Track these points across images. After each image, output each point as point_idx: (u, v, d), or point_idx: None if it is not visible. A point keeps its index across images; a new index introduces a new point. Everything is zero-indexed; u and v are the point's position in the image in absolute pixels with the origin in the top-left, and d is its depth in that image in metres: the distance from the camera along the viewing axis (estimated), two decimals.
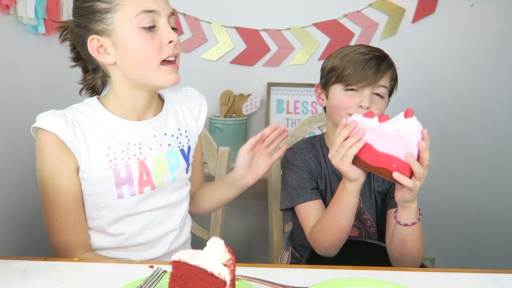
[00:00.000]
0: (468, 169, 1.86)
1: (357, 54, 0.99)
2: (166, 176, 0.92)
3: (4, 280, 0.68)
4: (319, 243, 0.95)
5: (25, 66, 1.41)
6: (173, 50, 0.84)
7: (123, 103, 0.89)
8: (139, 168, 0.88)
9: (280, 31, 1.78)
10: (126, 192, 0.87)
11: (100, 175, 0.85)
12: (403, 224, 0.84)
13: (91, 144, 0.84)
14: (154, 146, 0.91)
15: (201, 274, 0.53)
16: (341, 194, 0.88)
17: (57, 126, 0.81)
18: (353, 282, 0.67)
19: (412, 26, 1.77)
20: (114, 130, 0.87)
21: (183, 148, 0.96)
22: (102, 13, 0.82)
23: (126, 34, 0.82)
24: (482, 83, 1.80)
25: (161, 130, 0.93)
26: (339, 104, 1.00)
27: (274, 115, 1.80)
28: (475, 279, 0.74)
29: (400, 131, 0.75)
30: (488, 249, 1.91)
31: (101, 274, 0.71)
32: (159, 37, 0.83)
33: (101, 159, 0.85)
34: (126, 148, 0.87)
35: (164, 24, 0.83)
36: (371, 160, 0.79)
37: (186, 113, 1.01)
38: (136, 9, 0.81)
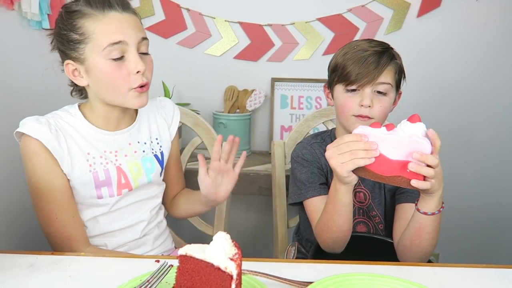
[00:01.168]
0: (473, 164, 1.85)
1: (357, 51, 0.98)
2: (142, 179, 0.99)
3: (12, 274, 0.69)
4: (321, 240, 0.95)
5: (29, 62, 1.41)
6: (142, 80, 0.89)
7: (98, 116, 0.95)
8: (117, 173, 0.95)
9: (284, 26, 1.77)
10: (105, 194, 0.94)
11: (81, 178, 0.91)
12: (422, 212, 0.82)
13: (72, 150, 0.91)
14: (129, 153, 0.98)
15: (207, 268, 0.54)
16: (334, 195, 0.86)
17: (42, 133, 0.87)
18: (357, 277, 0.67)
19: (417, 20, 1.75)
20: (92, 138, 0.94)
21: (156, 154, 1.03)
22: (75, 43, 0.87)
23: (96, 64, 0.87)
24: (488, 77, 1.79)
25: (135, 138, 1.00)
26: (341, 106, 1.00)
27: (278, 111, 1.80)
28: (481, 274, 0.74)
29: (413, 136, 0.74)
30: (493, 244, 1.91)
31: (107, 268, 0.72)
32: (127, 67, 0.87)
33: (82, 163, 0.91)
34: (104, 155, 0.94)
35: (132, 54, 0.87)
36: (383, 171, 0.76)
37: (159, 121, 1.07)
38: (105, 42, 0.85)
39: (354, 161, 0.76)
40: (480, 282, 0.71)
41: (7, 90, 1.30)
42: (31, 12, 1.34)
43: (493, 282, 0.71)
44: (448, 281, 0.70)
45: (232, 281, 0.52)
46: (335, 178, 0.84)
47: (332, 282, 0.64)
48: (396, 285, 0.65)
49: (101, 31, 0.85)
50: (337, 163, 0.78)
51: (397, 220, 1.00)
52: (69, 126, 0.92)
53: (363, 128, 0.77)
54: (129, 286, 0.62)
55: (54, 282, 0.67)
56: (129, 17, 0.89)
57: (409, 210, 0.99)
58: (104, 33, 0.85)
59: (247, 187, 1.54)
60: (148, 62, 0.91)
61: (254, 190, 1.55)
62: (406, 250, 0.89)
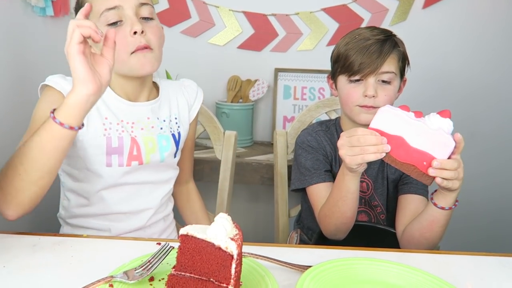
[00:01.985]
0: (476, 157, 1.84)
1: (359, 40, 0.97)
2: (155, 156, 0.97)
3: (15, 254, 0.69)
4: (324, 226, 0.95)
5: (33, 48, 1.41)
6: (140, 41, 0.86)
7: (116, 87, 0.94)
8: (131, 143, 0.93)
9: (288, 16, 1.76)
10: (115, 162, 0.92)
11: (94, 140, 0.90)
12: (440, 207, 0.83)
13: (91, 111, 0.84)
14: (145, 127, 0.96)
15: (208, 248, 0.54)
16: (340, 181, 0.86)
17: (65, 88, 0.87)
18: (357, 261, 0.67)
19: (423, 11, 1.74)
20: (112, 105, 0.93)
21: (174, 134, 1.01)
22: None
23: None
24: (492, 70, 1.78)
25: (155, 114, 0.98)
26: (346, 97, 1.00)
27: (281, 101, 1.79)
28: (481, 261, 0.74)
29: (440, 129, 0.73)
30: (495, 237, 1.91)
31: (109, 249, 0.73)
32: (124, 30, 0.86)
33: (97, 126, 0.90)
34: (121, 123, 0.93)
35: (128, 17, 0.86)
36: (399, 155, 0.75)
37: (181, 101, 1.04)
38: (101, 8, 0.86)
39: (363, 156, 0.77)
40: (480, 269, 0.71)
41: (11, 76, 1.31)
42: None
43: (493, 269, 0.71)
44: (448, 268, 0.71)
45: (232, 260, 0.53)
46: (343, 165, 0.84)
47: (331, 266, 0.64)
48: (396, 270, 0.66)
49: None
50: (346, 155, 0.79)
51: (400, 210, 1.00)
52: None
53: (390, 107, 0.76)
54: (130, 266, 0.62)
55: (57, 262, 0.67)
56: None
57: (413, 200, 0.99)
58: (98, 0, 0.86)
59: (249, 176, 1.54)
60: (151, 26, 0.89)
61: (256, 180, 1.55)
62: (414, 241, 0.90)
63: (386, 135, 0.75)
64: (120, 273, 0.60)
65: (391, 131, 0.75)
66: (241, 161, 1.54)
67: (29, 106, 1.38)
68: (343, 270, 0.64)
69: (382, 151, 0.75)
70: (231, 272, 0.53)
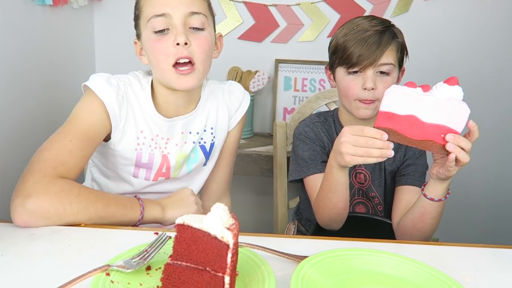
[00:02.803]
0: (476, 150, 1.83)
1: (358, 31, 0.96)
2: (183, 169, 0.97)
3: (13, 243, 0.69)
4: (319, 217, 0.96)
5: (32, 38, 1.41)
6: (182, 53, 0.83)
7: (159, 98, 0.92)
8: (162, 160, 0.92)
9: (290, 7, 1.75)
10: (142, 175, 0.93)
11: (124, 152, 0.89)
12: (429, 198, 0.82)
13: (128, 123, 0.88)
14: (179, 143, 0.94)
15: (204, 237, 0.54)
16: (329, 173, 0.85)
17: (108, 96, 0.85)
18: (353, 252, 0.67)
19: (425, 3, 1.73)
20: (150, 119, 0.91)
21: (204, 145, 0.98)
22: (136, 19, 0.90)
23: (144, 38, 0.87)
24: (494, 61, 1.77)
25: (188, 127, 0.96)
26: (344, 90, 0.99)
27: (281, 92, 1.79)
28: (478, 252, 0.74)
29: (452, 98, 0.70)
30: (493, 230, 1.91)
31: (106, 239, 0.73)
32: (168, 40, 0.83)
33: (131, 139, 0.89)
34: (156, 138, 0.92)
35: (175, 26, 0.83)
36: (414, 134, 0.72)
37: (221, 108, 0.99)
38: (149, 13, 0.84)
39: (365, 159, 0.75)
40: (476, 261, 0.71)
41: (10, 66, 1.30)
42: None
43: (489, 261, 0.71)
44: (445, 259, 0.71)
45: (228, 250, 0.53)
46: (332, 157, 0.82)
47: (327, 257, 0.64)
48: (393, 261, 0.66)
49: (148, 4, 0.85)
50: (348, 153, 0.76)
51: (397, 201, 1.00)
52: (135, 97, 0.89)
53: (397, 87, 0.72)
54: (127, 256, 0.62)
55: (54, 251, 0.68)
56: None
57: (409, 192, 0.99)
58: (150, 4, 0.85)
59: (249, 168, 1.54)
60: (199, 37, 0.85)
61: (255, 171, 1.55)
62: (407, 232, 0.90)
63: (397, 116, 0.72)
64: (117, 262, 0.60)
65: (402, 111, 0.71)
66: (241, 152, 1.53)
67: (28, 97, 1.38)
68: (339, 261, 0.65)
69: (385, 156, 0.73)
70: (227, 261, 0.53)
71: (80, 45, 1.72)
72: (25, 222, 0.73)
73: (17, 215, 0.73)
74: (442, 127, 0.71)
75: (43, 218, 0.73)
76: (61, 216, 0.74)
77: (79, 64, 1.71)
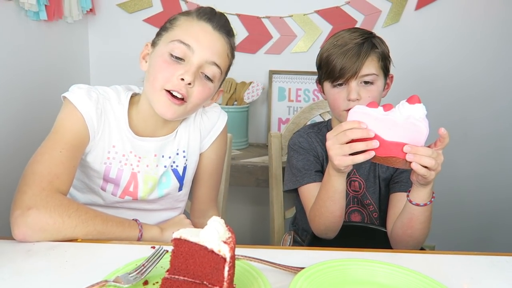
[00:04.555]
0: (470, 158, 1.86)
1: (337, 46, 0.99)
2: (153, 194, 0.96)
3: (10, 259, 0.69)
4: (314, 226, 0.97)
5: (27, 53, 1.42)
6: (180, 89, 0.84)
7: (139, 114, 0.92)
8: (130, 178, 0.92)
9: (282, 18, 1.77)
10: (109, 189, 0.93)
11: (93, 164, 0.90)
12: (414, 203, 0.84)
13: (103, 136, 0.89)
14: (151, 165, 0.94)
15: (201, 251, 0.54)
16: (327, 181, 0.87)
17: (87, 110, 0.85)
18: (350, 262, 0.68)
19: (415, 13, 1.76)
20: (124, 135, 0.91)
21: (176, 168, 0.98)
22: (162, 29, 0.90)
23: (158, 52, 0.87)
24: (485, 71, 1.79)
25: (162, 151, 0.96)
26: (332, 102, 1.03)
27: (275, 103, 1.80)
28: (472, 261, 0.75)
29: (410, 117, 0.73)
30: (489, 237, 1.93)
31: (103, 254, 0.73)
32: (177, 69, 0.84)
33: (101, 152, 0.89)
34: (128, 155, 0.91)
35: (191, 63, 0.84)
36: (378, 151, 0.76)
37: (192, 131, 0.99)
38: (177, 36, 0.85)
39: (353, 158, 0.77)
40: (471, 269, 0.72)
41: (5, 81, 1.31)
42: (28, 2, 1.34)
43: (484, 269, 0.72)
44: (440, 268, 0.71)
45: (225, 263, 0.53)
46: (330, 165, 0.85)
47: (324, 268, 0.65)
48: (388, 271, 0.66)
49: (182, 27, 0.86)
50: (336, 155, 0.78)
51: (391, 209, 1.01)
52: (112, 113, 0.90)
53: (360, 107, 0.76)
54: (124, 270, 0.62)
55: (51, 267, 0.67)
56: (218, 37, 0.87)
57: (402, 199, 1.00)
58: (183, 30, 0.86)
59: (244, 178, 1.55)
60: (203, 84, 0.86)
61: (251, 182, 1.56)
62: (399, 239, 0.91)
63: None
64: (114, 277, 0.60)
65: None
66: (236, 163, 1.54)
67: (23, 110, 1.38)
68: (335, 271, 0.65)
69: (372, 147, 0.75)
70: (224, 275, 0.54)
71: (74, 59, 1.73)
72: (23, 233, 0.73)
73: (16, 227, 0.74)
74: (401, 144, 0.74)
75: (41, 231, 0.74)
76: (60, 229, 0.74)
77: (74, 77, 1.72)
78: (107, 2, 1.77)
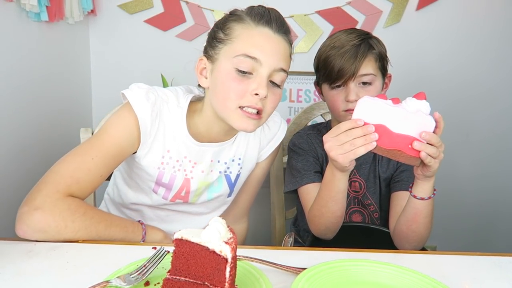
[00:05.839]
0: (471, 159, 1.85)
1: (334, 48, 0.99)
2: (203, 197, 0.96)
3: (11, 260, 0.69)
4: (314, 227, 0.96)
5: (28, 53, 1.42)
6: (256, 103, 0.82)
7: (201, 122, 0.90)
8: (182, 184, 0.92)
9: None
10: (161, 193, 0.92)
11: (147, 168, 0.89)
12: (419, 198, 0.84)
13: (157, 140, 0.87)
14: (206, 170, 0.93)
15: (203, 251, 0.54)
16: (331, 181, 0.86)
17: (143, 112, 0.84)
18: (352, 263, 0.67)
19: (416, 13, 1.76)
20: (180, 140, 0.89)
21: (229, 175, 0.97)
22: (218, 41, 0.86)
23: (222, 69, 0.84)
24: (486, 71, 1.79)
25: (218, 156, 0.94)
26: (331, 103, 1.03)
27: None
28: (474, 261, 0.74)
29: (418, 111, 0.74)
30: (490, 238, 1.92)
31: (105, 255, 0.73)
32: (248, 84, 0.82)
33: (156, 157, 0.88)
34: (182, 160, 0.90)
35: (261, 76, 0.82)
36: (384, 143, 0.75)
37: (252, 141, 0.98)
38: (240, 50, 0.82)
39: (355, 151, 0.76)
40: (473, 269, 0.72)
41: (6, 82, 1.31)
42: (29, 3, 1.34)
43: (486, 269, 0.72)
44: (442, 268, 0.71)
45: (227, 264, 0.53)
46: (332, 165, 0.84)
47: (325, 268, 0.65)
48: (390, 271, 0.66)
49: (243, 39, 0.82)
50: (338, 154, 0.78)
51: (393, 208, 1.01)
52: (169, 116, 0.88)
53: (369, 97, 0.75)
54: (125, 271, 0.62)
55: (52, 268, 0.67)
56: (279, 41, 0.84)
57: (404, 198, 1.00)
58: (245, 41, 0.82)
59: None
60: (275, 93, 0.85)
61: None
62: (403, 235, 0.91)
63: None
64: (115, 278, 0.60)
65: (372, 120, 0.75)
66: None
67: (24, 110, 1.38)
68: (337, 272, 0.65)
69: (371, 140, 0.74)
70: (226, 275, 0.53)
71: (76, 60, 1.73)
72: (23, 231, 0.74)
73: (19, 222, 0.75)
74: (409, 138, 0.75)
75: (41, 232, 0.74)
76: (60, 233, 0.75)
77: (75, 78, 1.72)
78: (108, 3, 1.77)
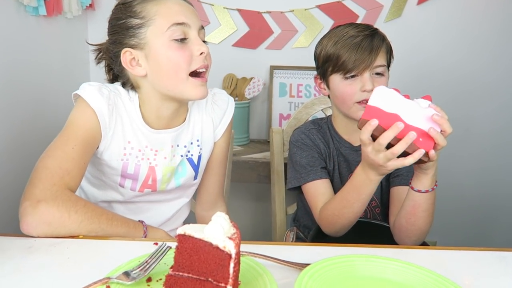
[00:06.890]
0: (471, 153, 1.85)
1: (348, 38, 0.98)
2: (171, 184, 0.97)
3: (11, 256, 0.69)
4: (329, 224, 0.95)
5: (26, 48, 1.40)
6: (204, 61, 0.87)
7: (150, 111, 0.91)
8: (148, 172, 0.92)
9: (283, 13, 1.76)
10: (128, 185, 0.93)
11: (110, 162, 0.89)
12: (416, 190, 0.84)
13: (116, 133, 0.88)
14: (168, 156, 0.94)
15: (206, 247, 0.54)
16: (364, 184, 0.86)
17: (99, 105, 0.85)
18: (355, 258, 0.67)
19: (417, 8, 1.74)
20: (138, 130, 0.91)
21: (191, 157, 0.98)
22: (135, 28, 0.86)
23: (158, 47, 0.85)
24: (487, 66, 1.78)
25: (177, 140, 0.96)
26: (343, 95, 1.00)
27: (276, 99, 1.79)
28: (478, 256, 0.74)
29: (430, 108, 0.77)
30: (490, 233, 1.92)
31: (106, 250, 0.72)
32: (190, 48, 0.85)
33: (117, 149, 0.89)
34: (144, 149, 0.91)
35: (195, 37, 0.86)
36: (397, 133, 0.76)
37: (205, 120, 1.00)
38: (168, 22, 0.84)
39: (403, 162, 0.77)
40: (477, 264, 0.71)
41: (4, 76, 1.29)
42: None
43: (490, 264, 0.71)
44: (445, 263, 0.71)
45: (230, 260, 0.52)
46: (368, 169, 0.83)
47: (329, 264, 0.64)
48: (394, 266, 0.66)
49: (163, 13, 0.85)
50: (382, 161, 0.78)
51: (392, 202, 1.01)
52: (124, 108, 0.90)
53: (384, 88, 0.77)
54: (127, 267, 0.62)
55: (53, 264, 0.67)
56: (188, 5, 0.89)
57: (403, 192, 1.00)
58: (167, 14, 0.85)
59: (246, 174, 1.54)
60: (207, 47, 0.88)
61: (252, 178, 1.55)
62: (403, 229, 0.91)
63: (383, 112, 0.77)
64: (117, 274, 0.59)
65: (387, 108, 0.77)
66: (238, 159, 1.53)
67: (22, 107, 1.37)
68: (341, 267, 0.64)
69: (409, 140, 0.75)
70: (230, 271, 0.53)
71: (74, 54, 1.72)
72: (28, 224, 0.74)
73: (23, 217, 0.74)
74: (420, 131, 0.76)
75: (46, 224, 0.74)
76: (65, 224, 0.74)
77: (74, 73, 1.71)
78: None
